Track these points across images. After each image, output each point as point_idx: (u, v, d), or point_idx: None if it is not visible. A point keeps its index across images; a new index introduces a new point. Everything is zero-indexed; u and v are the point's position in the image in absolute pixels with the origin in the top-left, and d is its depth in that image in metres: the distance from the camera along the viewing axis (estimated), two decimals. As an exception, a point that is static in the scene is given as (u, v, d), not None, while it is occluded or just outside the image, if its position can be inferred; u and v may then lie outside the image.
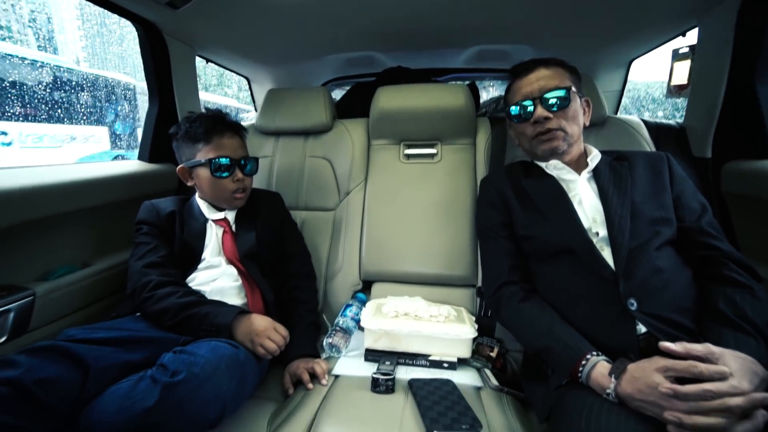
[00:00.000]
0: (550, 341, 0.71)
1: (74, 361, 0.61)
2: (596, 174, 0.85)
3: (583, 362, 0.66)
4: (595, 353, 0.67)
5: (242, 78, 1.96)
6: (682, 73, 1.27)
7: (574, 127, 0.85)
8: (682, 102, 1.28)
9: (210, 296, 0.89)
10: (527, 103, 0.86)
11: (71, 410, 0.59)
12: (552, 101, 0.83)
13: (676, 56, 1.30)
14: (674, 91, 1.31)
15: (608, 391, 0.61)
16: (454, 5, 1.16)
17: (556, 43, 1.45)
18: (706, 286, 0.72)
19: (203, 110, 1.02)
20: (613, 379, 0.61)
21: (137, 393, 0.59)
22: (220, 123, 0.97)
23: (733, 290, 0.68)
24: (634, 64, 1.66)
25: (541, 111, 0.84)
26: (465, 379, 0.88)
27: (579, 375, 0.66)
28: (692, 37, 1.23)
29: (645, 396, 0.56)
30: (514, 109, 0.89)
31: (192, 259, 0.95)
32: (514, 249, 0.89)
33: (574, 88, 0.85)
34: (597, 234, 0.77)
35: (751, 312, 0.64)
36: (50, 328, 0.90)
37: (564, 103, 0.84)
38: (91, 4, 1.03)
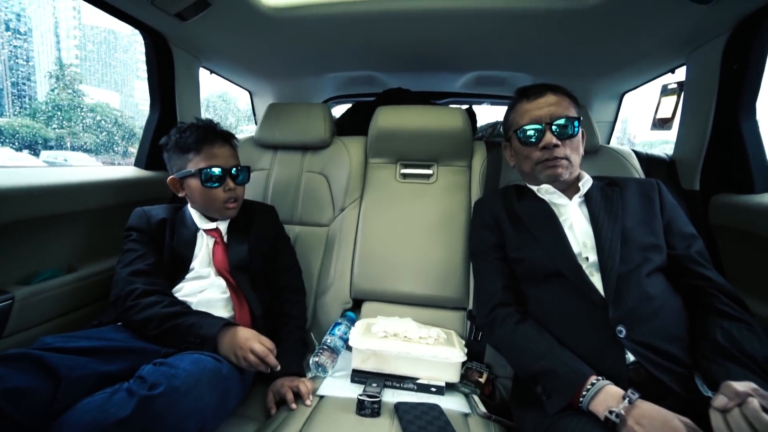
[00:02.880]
0: (552, 364, 0.70)
1: (46, 371, 0.59)
2: (587, 199, 0.86)
3: (589, 385, 0.65)
4: (601, 378, 0.66)
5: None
6: (667, 107, 1.32)
7: (577, 157, 0.86)
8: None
9: (196, 308, 0.87)
10: (537, 126, 0.85)
11: (40, 424, 0.56)
12: (561, 129, 0.84)
13: (665, 91, 1.35)
14: (658, 123, 1.36)
15: (614, 410, 0.59)
16: (455, 32, 1.21)
17: (552, 72, 1.50)
18: (699, 317, 0.72)
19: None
20: (626, 402, 0.60)
21: (111, 405, 0.56)
22: (210, 132, 0.96)
23: (730, 323, 0.68)
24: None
25: (550, 137, 0.83)
26: (452, 404, 0.86)
27: (581, 398, 0.64)
28: (681, 74, 1.29)
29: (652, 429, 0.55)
30: (523, 132, 0.87)
31: (180, 268, 0.93)
32: (507, 271, 0.89)
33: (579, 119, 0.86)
34: (587, 259, 0.78)
35: (749, 347, 0.64)
36: (27, 335, 0.87)
37: (572, 132, 0.84)
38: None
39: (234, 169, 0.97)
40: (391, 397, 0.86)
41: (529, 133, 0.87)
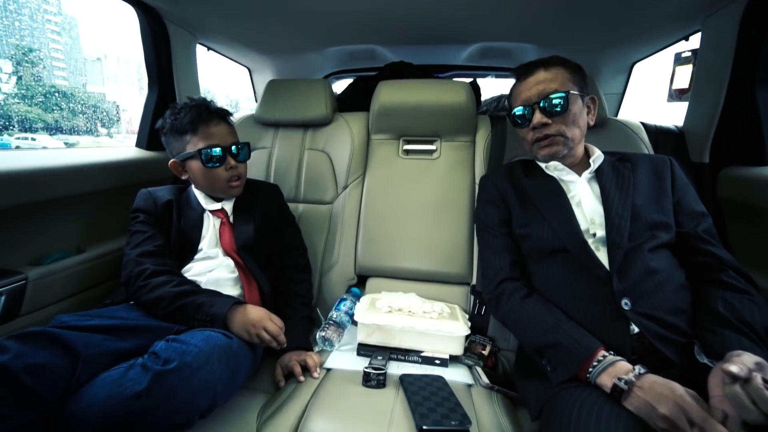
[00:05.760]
0: (558, 337, 0.70)
1: (64, 348, 0.61)
2: (598, 174, 0.84)
3: (599, 358, 0.65)
4: (611, 352, 0.66)
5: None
6: (683, 77, 1.27)
7: (575, 130, 0.84)
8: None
9: (205, 287, 0.89)
10: (525, 109, 0.86)
11: (59, 398, 0.59)
12: (550, 106, 0.82)
13: (678, 60, 1.30)
14: (675, 94, 1.32)
15: (623, 377, 0.60)
16: (458, 2, 1.15)
17: (559, 43, 1.44)
18: (704, 290, 0.72)
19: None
20: (637, 371, 0.60)
21: (127, 380, 0.59)
22: (204, 111, 0.93)
23: (732, 295, 0.68)
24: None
25: (539, 117, 0.83)
26: (456, 376, 0.89)
27: (590, 370, 0.65)
28: (695, 41, 1.23)
29: (657, 396, 0.55)
30: (514, 115, 0.89)
31: (188, 249, 0.95)
32: (514, 246, 0.89)
33: (574, 90, 0.83)
34: (594, 235, 0.77)
35: (748, 316, 0.64)
36: (42, 314, 0.89)
37: (563, 107, 0.82)
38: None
39: (234, 146, 0.96)
40: (396, 369, 0.89)
41: (518, 115, 0.87)
